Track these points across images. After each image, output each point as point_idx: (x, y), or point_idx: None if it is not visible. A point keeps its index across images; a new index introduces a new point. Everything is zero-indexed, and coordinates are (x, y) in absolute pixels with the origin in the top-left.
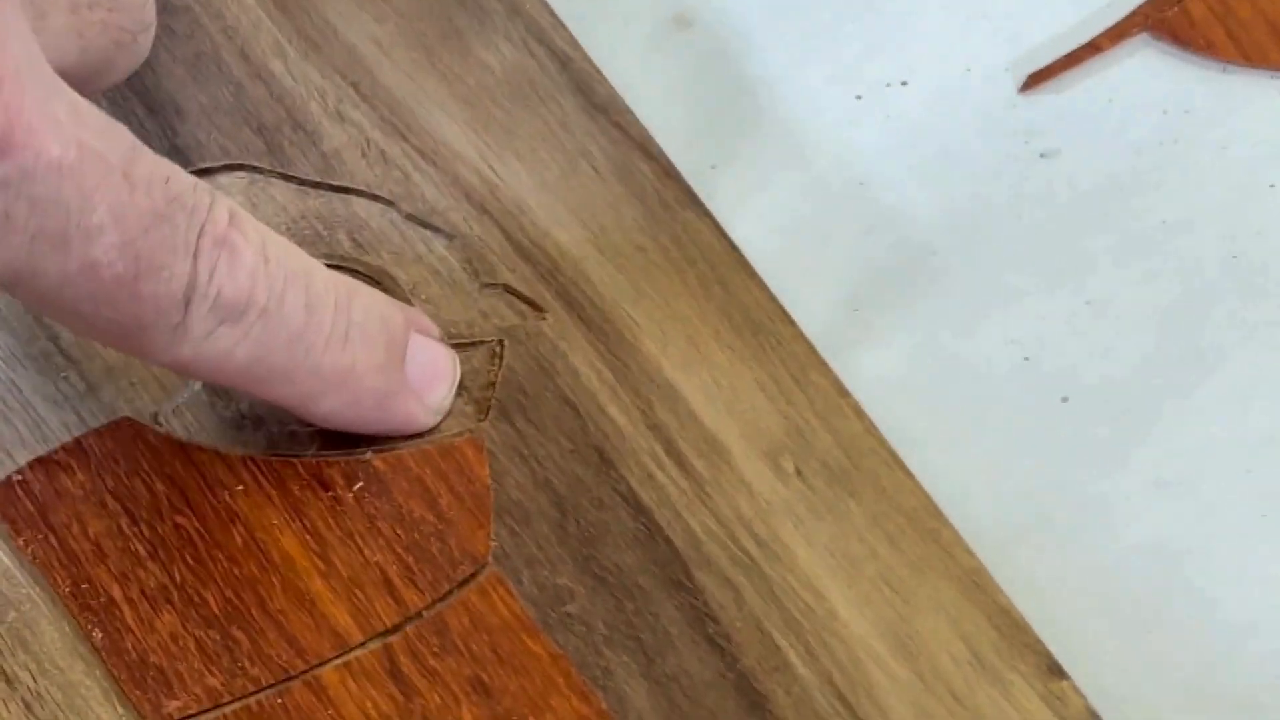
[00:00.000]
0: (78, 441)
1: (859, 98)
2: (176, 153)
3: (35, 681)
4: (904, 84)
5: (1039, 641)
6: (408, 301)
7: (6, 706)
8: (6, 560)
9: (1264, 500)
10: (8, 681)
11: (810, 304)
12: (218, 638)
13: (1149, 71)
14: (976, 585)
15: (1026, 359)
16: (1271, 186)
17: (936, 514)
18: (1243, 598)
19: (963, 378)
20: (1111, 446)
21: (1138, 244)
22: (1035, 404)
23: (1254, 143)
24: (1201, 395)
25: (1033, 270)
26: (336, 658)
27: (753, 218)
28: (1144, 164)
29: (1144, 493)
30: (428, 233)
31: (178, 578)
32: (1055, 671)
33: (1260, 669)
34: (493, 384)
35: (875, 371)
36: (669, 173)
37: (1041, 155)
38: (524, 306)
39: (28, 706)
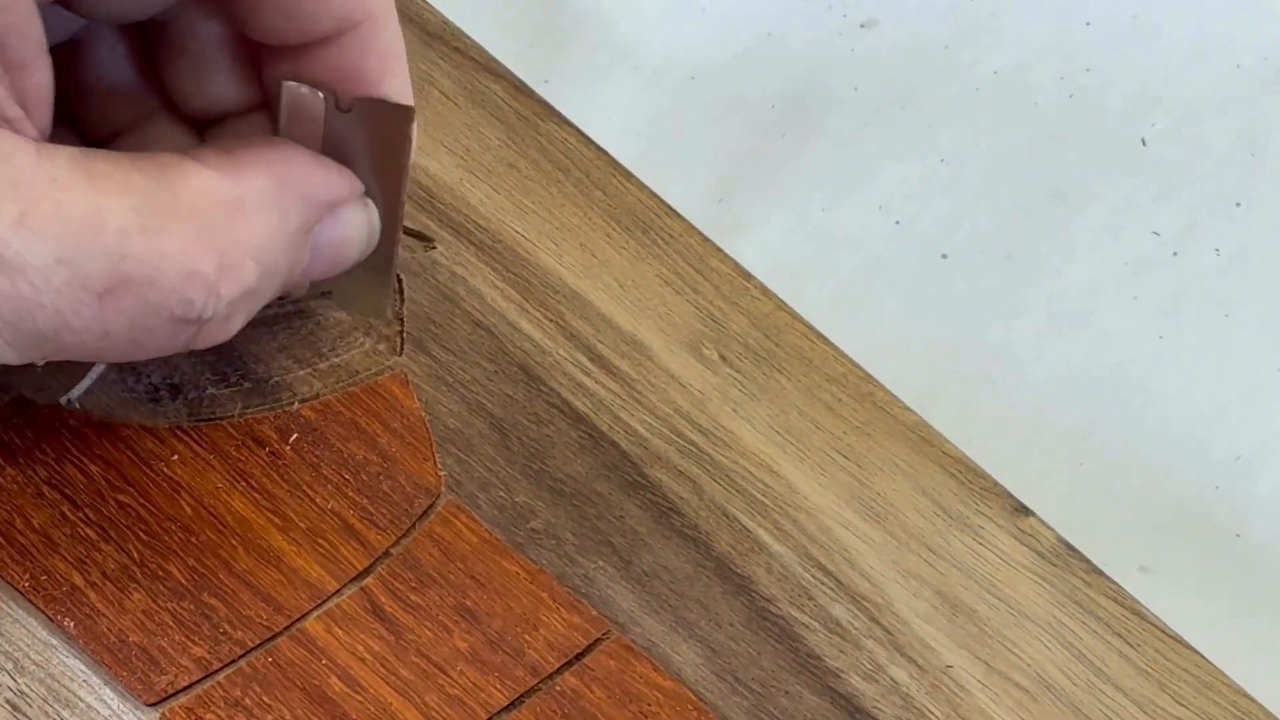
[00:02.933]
0: None
1: None
2: None
3: (15, 681)
4: None
5: (997, 484)
6: None
7: None
8: None
9: (1157, 321)
10: None
11: (674, 202)
12: (192, 607)
13: None
14: (923, 439)
15: (898, 223)
16: (1088, 24)
17: (866, 377)
18: (1161, 414)
19: (841, 250)
20: (1000, 293)
21: (975, 97)
22: (917, 264)
23: None
24: (1074, 232)
25: (882, 137)
26: (316, 608)
27: (596, 125)
28: (962, 20)
29: (1043, 331)
30: None
31: (136, 555)
32: (1020, 510)
33: (1195, 473)
34: (400, 319)
35: (755, 256)
36: (520, 88)
37: (862, 26)
38: (411, 240)
39: (14, 707)
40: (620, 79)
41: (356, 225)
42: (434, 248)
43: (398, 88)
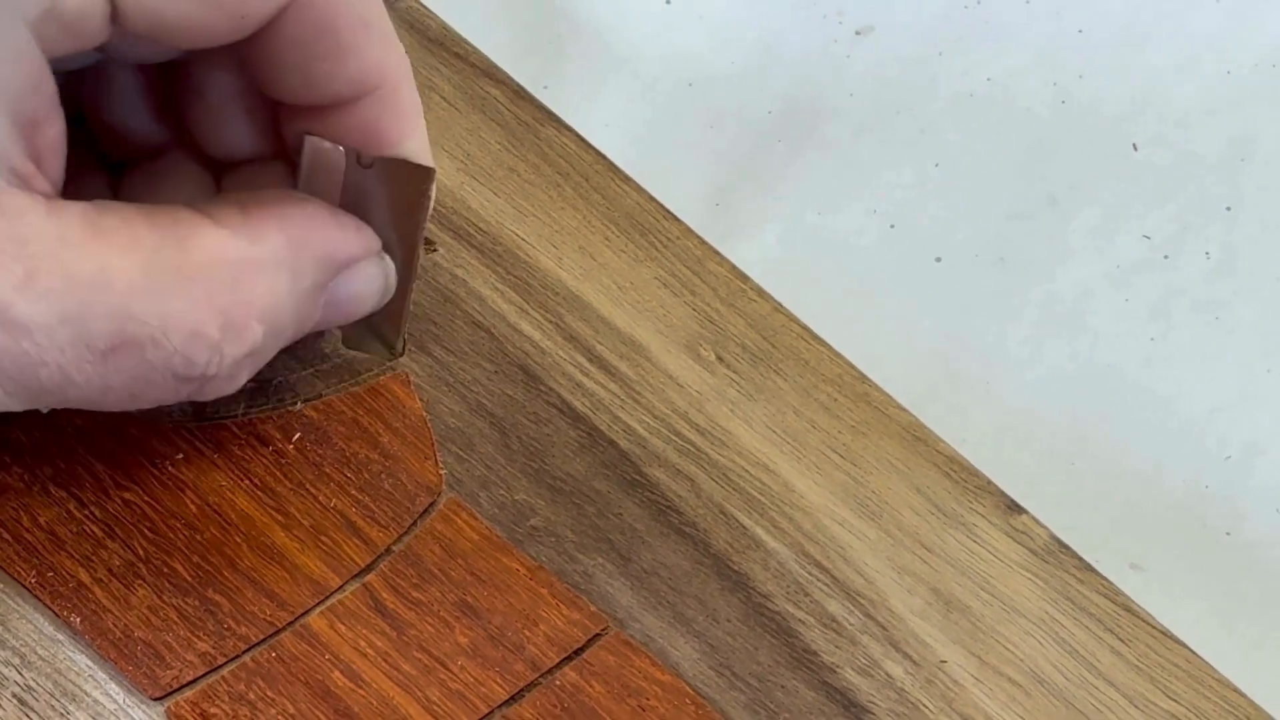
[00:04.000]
0: (4, 435)
1: (668, 2)
2: None
3: (22, 675)
4: None
5: (991, 482)
6: None
7: None
8: None
9: (1150, 324)
10: None
11: (672, 207)
12: (197, 604)
13: None
14: (918, 438)
15: (892, 226)
16: (1080, 32)
17: (862, 377)
18: (1153, 415)
19: (837, 253)
20: (994, 296)
21: (969, 103)
22: (912, 268)
23: None
24: (1066, 235)
25: (877, 143)
26: (319, 604)
27: (595, 131)
28: (955, 28)
29: (1036, 333)
30: None
31: (141, 552)
32: (1013, 508)
33: (1186, 473)
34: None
35: (751, 259)
36: (520, 93)
37: (857, 33)
38: None
39: (21, 701)
40: (618, 85)
41: (372, 280)
42: (435, 250)
43: (416, 148)
